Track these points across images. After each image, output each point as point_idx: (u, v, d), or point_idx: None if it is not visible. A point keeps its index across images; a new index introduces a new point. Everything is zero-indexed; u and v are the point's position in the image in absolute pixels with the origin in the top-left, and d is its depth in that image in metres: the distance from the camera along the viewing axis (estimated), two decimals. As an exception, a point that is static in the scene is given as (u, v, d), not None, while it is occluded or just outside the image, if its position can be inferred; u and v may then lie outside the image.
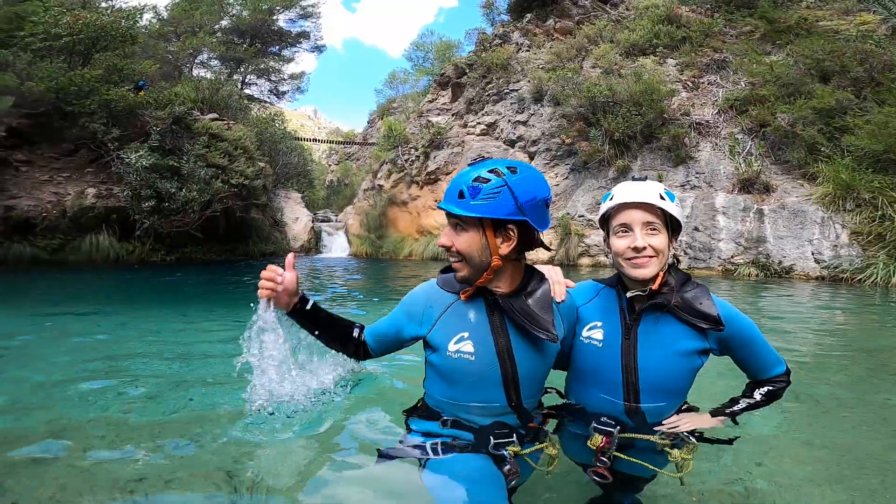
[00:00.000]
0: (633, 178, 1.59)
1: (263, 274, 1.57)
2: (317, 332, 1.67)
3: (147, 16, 21.20)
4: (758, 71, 13.60)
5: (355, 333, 1.67)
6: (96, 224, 12.05)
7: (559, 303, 1.54)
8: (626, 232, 1.53)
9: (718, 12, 17.26)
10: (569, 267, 13.61)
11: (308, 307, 1.63)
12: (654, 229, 1.51)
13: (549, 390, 1.70)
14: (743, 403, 1.62)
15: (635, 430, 1.55)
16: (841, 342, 4.80)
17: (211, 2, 24.51)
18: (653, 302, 1.52)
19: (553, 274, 1.61)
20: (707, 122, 13.94)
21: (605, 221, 1.62)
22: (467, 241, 1.40)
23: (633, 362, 1.53)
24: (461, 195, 1.38)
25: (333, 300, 7.27)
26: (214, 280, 9.99)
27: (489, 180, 1.37)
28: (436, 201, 18.76)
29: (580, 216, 14.57)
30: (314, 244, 19.77)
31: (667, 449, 1.52)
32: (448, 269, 1.58)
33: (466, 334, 1.46)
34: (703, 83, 15.23)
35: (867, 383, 3.28)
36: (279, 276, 1.57)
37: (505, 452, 1.44)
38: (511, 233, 1.40)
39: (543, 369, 1.55)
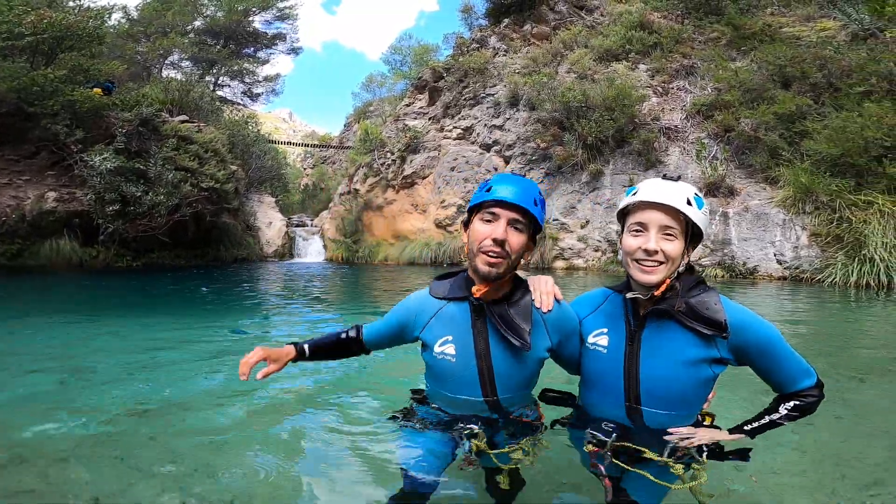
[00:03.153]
0: (665, 176, 1.48)
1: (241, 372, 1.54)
2: (323, 359, 1.84)
3: (116, 15, 20.71)
4: (723, 77, 13.93)
5: (354, 340, 1.80)
6: (57, 228, 11.71)
7: (544, 313, 1.57)
8: (640, 231, 1.44)
9: (688, 18, 17.64)
10: (543, 270, 13.71)
11: (307, 354, 1.74)
12: (671, 235, 1.41)
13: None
14: (765, 419, 1.46)
15: (639, 442, 1.43)
16: (800, 342, 4.91)
17: (184, 2, 24.10)
18: (656, 308, 1.45)
19: (542, 284, 1.63)
20: (676, 126, 14.22)
21: (623, 216, 1.53)
22: (520, 242, 1.52)
23: (635, 369, 1.47)
24: (535, 203, 1.53)
25: (309, 307, 7.19)
26: (180, 286, 9.77)
27: (541, 195, 1.57)
28: (412, 205, 18.78)
29: (554, 220, 14.71)
30: (288, 249, 19.52)
31: (670, 463, 1.38)
32: (444, 277, 1.72)
33: (450, 337, 1.60)
34: (672, 88, 15.53)
35: (827, 382, 3.36)
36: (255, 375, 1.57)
37: (468, 443, 1.51)
38: (533, 242, 1.60)
39: (521, 373, 1.61)
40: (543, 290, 1.61)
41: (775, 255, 10.85)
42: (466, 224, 1.61)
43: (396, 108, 23.63)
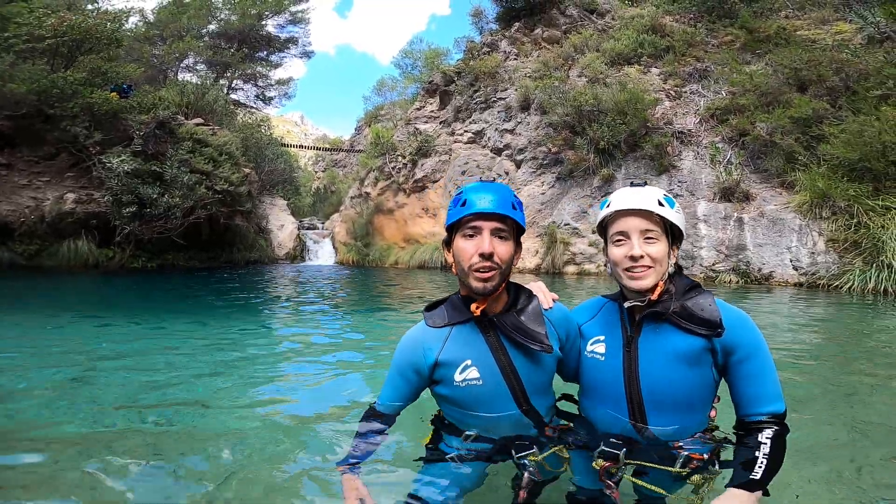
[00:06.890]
0: (632, 184, 1.52)
1: None
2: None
3: (133, 19, 21.10)
4: (738, 80, 13.83)
5: (381, 426, 1.61)
6: (75, 229, 11.89)
7: (546, 309, 1.58)
8: (622, 240, 1.47)
9: (701, 22, 17.57)
10: (554, 275, 13.66)
11: (360, 466, 1.55)
12: (653, 238, 1.44)
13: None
14: (762, 457, 1.30)
15: (647, 452, 1.44)
16: (818, 346, 4.86)
17: (199, 6, 24.42)
18: (651, 311, 1.46)
19: (538, 286, 1.67)
20: (689, 130, 14.14)
21: (604, 229, 1.56)
22: (507, 251, 1.48)
23: (635, 374, 1.47)
24: (514, 206, 1.48)
25: (321, 308, 7.22)
26: (196, 287, 9.87)
27: (516, 196, 1.52)
28: (423, 209, 18.81)
29: (566, 224, 14.66)
30: (300, 252, 19.64)
31: (684, 474, 1.40)
32: (433, 306, 1.64)
33: (469, 361, 1.52)
34: (685, 92, 15.46)
35: (841, 385, 3.34)
36: None
37: (526, 462, 1.51)
38: (519, 245, 1.55)
39: (546, 376, 1.60)
40: (541, 290, 1.64)
41: (791, 260, 10.74)
42: (448, 243, 1.54)
43: (407, 112, 23.71)
